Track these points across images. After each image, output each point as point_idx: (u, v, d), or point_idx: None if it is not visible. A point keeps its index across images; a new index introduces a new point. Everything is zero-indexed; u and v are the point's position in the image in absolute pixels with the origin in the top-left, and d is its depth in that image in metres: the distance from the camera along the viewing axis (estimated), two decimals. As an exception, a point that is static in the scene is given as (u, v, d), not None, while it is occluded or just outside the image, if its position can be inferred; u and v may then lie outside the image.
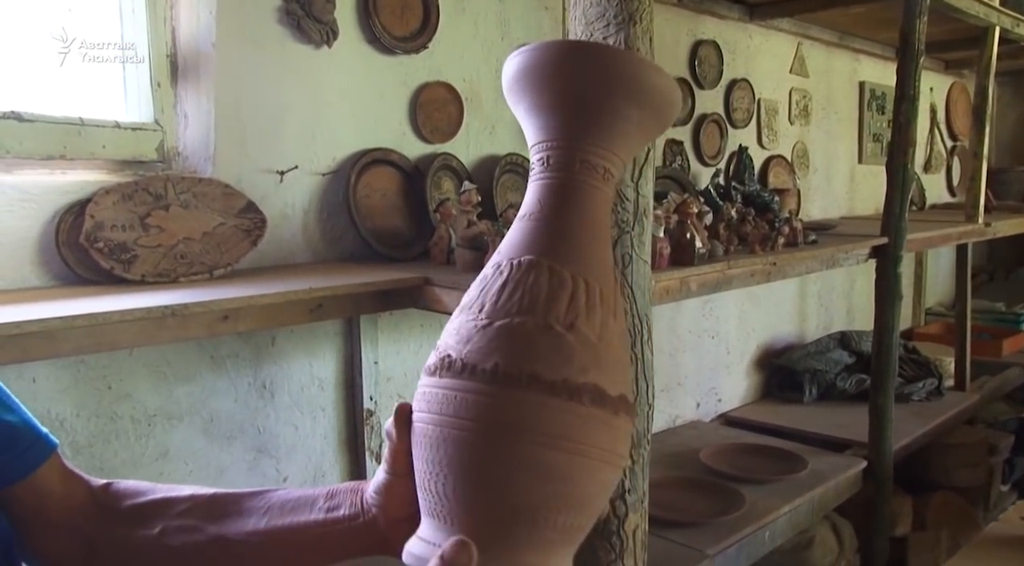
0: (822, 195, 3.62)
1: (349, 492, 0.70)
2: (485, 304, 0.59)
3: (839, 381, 3.14)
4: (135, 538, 0.73)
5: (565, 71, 0.60)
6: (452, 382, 0.57)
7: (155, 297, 1.34)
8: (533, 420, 0.55)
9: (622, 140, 0.61)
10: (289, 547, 0.70)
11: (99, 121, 1.55)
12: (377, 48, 1.92)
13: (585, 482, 0.56)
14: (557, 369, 0.56)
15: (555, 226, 0.60)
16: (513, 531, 0.55)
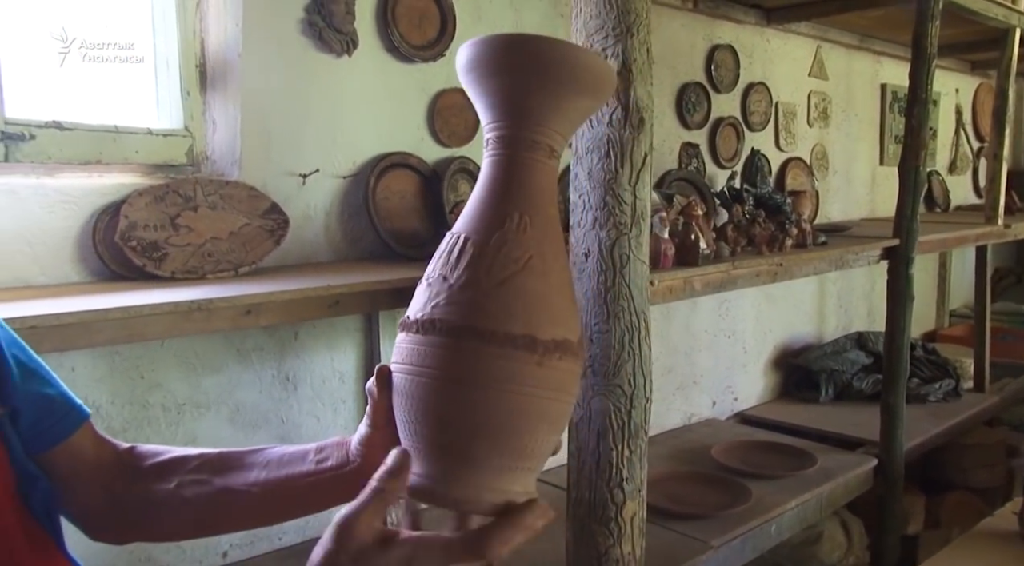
0: (842, 197, 3.65)
1: (335, 446, 0.81)
2: (437, 271, 0.69)
3: (855, 381, 3.18)
4: (155, 491, 0.86)
5: (506, 61, 0.70)
6: (414, 337, 0.68)
7: (183, 292, 1.43)
8: (480, 368, 0.65)
9: (561, 119, 0.71)
10: (285, 495, 0.82)
11: (133, 128, 1.65)
12: (396, 56, 2.01)
13: (530, 418, 0.66)
14: (499, 322, 0.65)
15: (505, 199, 0.69)
16: (474, 460, 0.66)
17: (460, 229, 0.71)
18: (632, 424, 1.47)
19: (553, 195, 0.72)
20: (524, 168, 0.70)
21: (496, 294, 0.67)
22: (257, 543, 1.87)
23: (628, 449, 1.48)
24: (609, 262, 1.43)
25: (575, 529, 1.53)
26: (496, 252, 0.68)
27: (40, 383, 0.83)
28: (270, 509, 0.85)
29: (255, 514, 0.87)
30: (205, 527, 0.92)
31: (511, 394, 0.66)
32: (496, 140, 0.71)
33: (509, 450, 0.66)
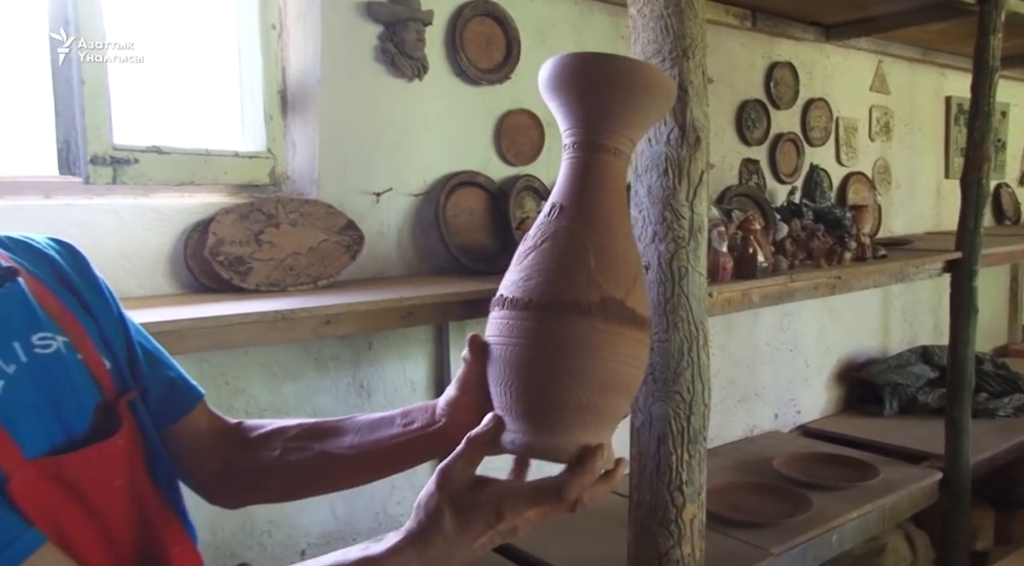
0: (906, 211, 3.63)
1: (420, 410, 0.94)
2: (527, 254, 0.82)
3: (920, 395, 3.16)
4: (262, 458, 0.99)
5: (581, 76, 0.82)
6: (508, 313, 0.81)
7: (267, 304, 1.54)
8: (569, 336, 0.77)
9: (629, 125, 0.83)
10: (377, 455, 0.94)
11: (221, 151, 1.78)
12: (464, 80, 2.11)
13: (610, 379, 0.78)
14: (585, 296, 0.78)
15: (585, 195, 0.81)
16: (560, 416, 0.78)
17: (541, 221, 0.83)
18: (691, 429, 1.53)
19: (623, 189, 0.84)
20: (597, 167, 0.81)
21: (578, 272, 0.78)
22: (333, 542, 1.97)
23: (688, 453, 1.53)
24: (668, 274, 1.49)
25: (636, 531, 1.59)
26: (577, 237, 0.79)
27: (163, 367, 0.96)
28: (364, 468, 0.97)
29: (351, 473, 0.99)
30: (307, 488, 1.05)
31: (595, 359, 0.77)
32: (573, 144, 0.83)
33: (590, 406, 0.78)
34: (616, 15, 2.41)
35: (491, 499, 0.76)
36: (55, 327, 0.81)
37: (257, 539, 1.84)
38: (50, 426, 0.77)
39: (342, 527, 1.98)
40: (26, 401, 0.75)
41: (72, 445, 0.78)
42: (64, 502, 0.75)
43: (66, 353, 0.81)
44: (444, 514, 0.77)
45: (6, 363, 0.75)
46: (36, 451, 0.74)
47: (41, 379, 0.77)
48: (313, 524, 1.93)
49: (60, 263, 0.89)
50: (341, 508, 1.97)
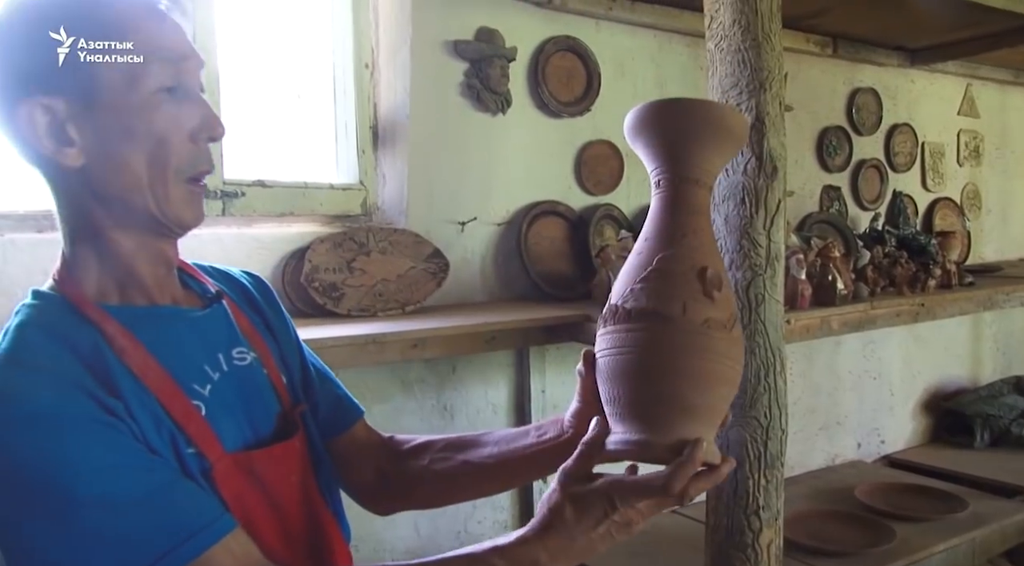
0: (997, 236, 3.55)
1: (551, 423, 1.04)
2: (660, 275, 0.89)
3: (1014, 427, 3.06)
4: (412, 467, 1.10)
5: (663, 120, 0.92)
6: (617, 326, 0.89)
7: (358, 327, 1.63)
8: (714, 345, 0.85)
9: (708, 161, 0.92)
10: (514, 462, 1.04)
11: (318, 184, 1.89)
12: (545, 113, 2.18)
13: (713, 379, 0.86)
14: (685, 306, 0.86)
15: (680, 222, 0.90)
16: (661, 415, 0.85)
17: (642, 247, 0.91)
18: (768, 454, 1.55)
19: (708, 212, 0.93)
20: (685, 197, 0.91)
21: (677, 285, 0.86)
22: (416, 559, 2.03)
23: (764, 478, 1.55)
24: (745, 301, 1.52)
25: (713, 555, 1.61)
26: (670, 255, 0.88)
27: (332, 385, 1.12)
28: (502, 475, 1.07)
29: (490, 480, 1.09)
30: (452, 494, 1.14)
31: (694, 358, 0.85)
32: (660, 181, 0.92)
33: (690, 405, 0.85)
34: (695, 46, 2.45)
35: (604, 489, 0.83)
36: (248, 344, 0.96)
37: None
38: (243, 426, 0.90)
39: (425, 544, 2.05)
40: (226, 404, 0.88)
41: (260, 443, 0.91)
42: (252, 492, 0.87)
43: (256, 366, 0.95)
44: (565, 506, 0.84)
45: (212, 370, 0.89)
46: (232, 446, 0.87)
47: (238, 386, 0.91)
48: (397, 540, 2.00)
49: (252, 290, 1.05)
50: (424, 526, 2.04)
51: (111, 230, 0.85)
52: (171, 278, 0.93)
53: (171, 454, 0.81)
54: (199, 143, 0.86)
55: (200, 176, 0.88)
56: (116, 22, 0.81)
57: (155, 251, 0.89)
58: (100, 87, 0.80)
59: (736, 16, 1.48)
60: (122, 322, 0.84)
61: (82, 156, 0.81)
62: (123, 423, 0.78)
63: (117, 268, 0.87)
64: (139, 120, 0.82)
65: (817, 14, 2.46)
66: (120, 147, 0.82)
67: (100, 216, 0.85)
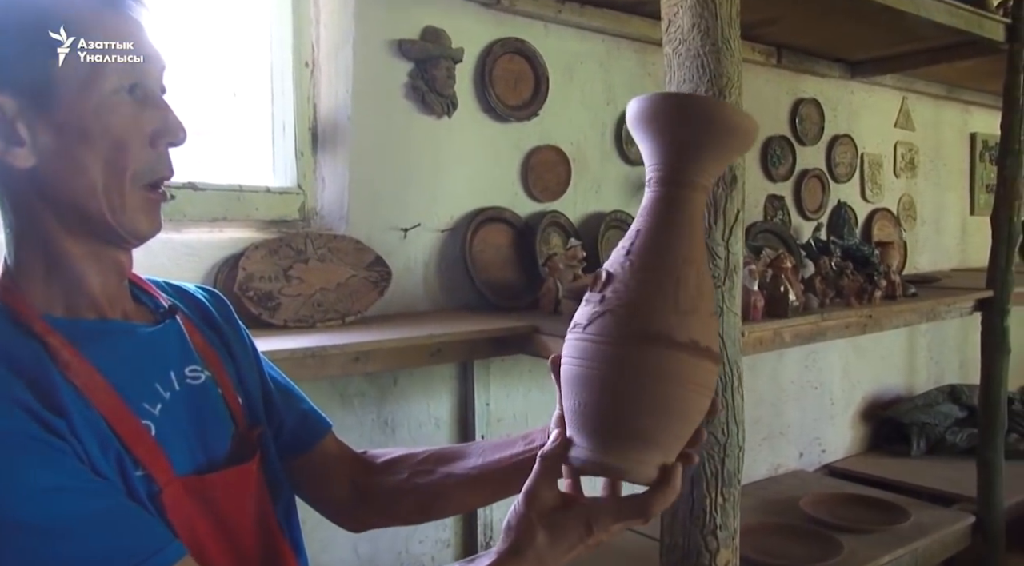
0: (931, 247, 3.61)
1: (539, 431, 0.99)
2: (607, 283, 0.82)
3: (949, 435, 3.10)
4: (391, 482, 1.05)
5: (668, 115, 0.84)
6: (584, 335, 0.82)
7: (296, 340, 1.53)
8: (689, 371, 0.79)
9: (710, 162, 0.84)
10: (501, 473, 0.99)
11: (254, 187, 1.78)
12: (492, 117, 2.11)
13: (681, 406, 0.80)
14: (665, 327, 0.79)
15: (673, 228, 0.83)
16: (630, 438, 0.80)
17: (628, 251, 0.84)
18: (726, 472, 1.50)
19: (701, 223, 0.86)
20: (680, 203, 0.83)
21: (659, 302, 0.80)
22: (355, 582, 1.94)
23: (722, 497, 1.50)
24: (702, 314, 1.47)
25: (668, 576, 1.56)
26: (657, 269, 0.81)
27: (296, 400, 1.06)
28: (488, 487, 1.02)
29: (476, 493, 1.03)
30: (434, 510, 1.08)
31: (668, 386, 0.79)
32: (658, 179, 0.84)
33: (658, 430, 0.80)
34: (643, 52, 2.41)
35: (581, 516, 0.80)
36: (202, 362, 0.91)
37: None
38: (195, 448, 0.85)
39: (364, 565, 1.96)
40: (178, 424, 0.83)
41: (213, 467, 0.86)
42: (203, 519, 0.82)
43: (210, 386, 0.90)
44: (537, 531, 0.80)
45: (164, 389, 0.84)
46: (183, 469, 0.82)
47: (191, 406, 0.86)
48: (336, 562, 1.90)
49: (208, 307, 0.99)
50: (364, 547, 1.95)
51: (60, 237, 0.80)
52: (122, 291, 0.87)
53: (117, 477, 0.76)
54: (159, 148, 0.82)
55: (159, 182, 0.83)
56: (76, 18, 0.76)
57: (107, 261, 0.83)
58: (54, 84, 0.75)
59: (695, 20, 1.44)
60: (68, 336, 0.78)
61: (32, 157, 0.76)
62: (66, 443, 0.73)
63: (65, 278, 0.81)
64: (96, 121, 0.77)
65: (766, 23, 2.45)
66: (74, 149, 0.77)
67: (49, 222, 0.80)
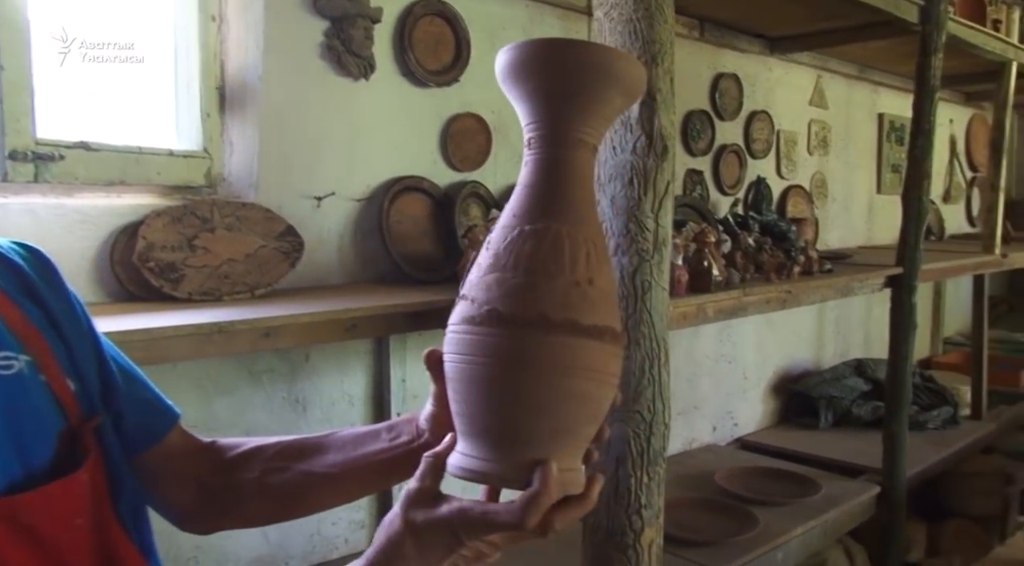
0: (840, 224, 3.68)
1: (405, 423, 0.90)
2: (519, 265, 0.72)
3: (855, 408, 3.19)
4: (240, 480, 0.92)
5: (546, 64, 0.74)
6: (497, 330, 0.71)
7: (202, 314, 1.42)
8: (573, 357, 0.70)
9: (598, 116, 0.75)
10: (364, 470, 0.89)
11: (155, 149, 1.65)
12: (411, 81, 2.02)
13: (573, 398, 0.71)
14: (588, 316, 0.70)
15: (558, 194, 0.73)
16: (520, 440, 0.71)
17: (509, 223, 0.74)
18: (651, 450, 1.48)
19: (591, 186, 0.76)
20: (566, 165, 0.74)
21: (544, 282, 0.70)
22: (265, 568, 1.85)
23: (647, 476, 1.48)
24: (631, 289, 1.44)
25: (592, 556, 1.53)
26: (547, 245, 0.71)
27: (139, 386, 0.90)
28: (350, 486, 0.92)
29: (336, 492, 0.93)
30: (290, 510, 0.97)
31: (559, 377, 0.70)
32: (538, 139, 0.75)
33: (551, 430, 0.71)
34: (567, 19, 2.35)
35: (447, 522, 0.72)
36: (17, 345, 0.73)
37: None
38: (8, 459, 0.68)
39: (274, 551, 1.87)
40: None
41: (31, 481, 0.69)
42: (16, 548, 0.67)
43: (28, 374, 0.72)
44: (405, 538, 0.73)
45: None
46: None
47: (2, 404, 0.69)
48: (243, 549, 1.81)
49: (26, 271, 0.80)
50: (274, 532, 1.86)
51: None
52: None
53: None
54: None
55: None
56: None
57: None
58: None
59: (628, -17, 1.38)
60: None
61: None
62: None
63: None
64: None
65: (690, -7, 2.43)
66: None
67: None
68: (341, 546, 1.98)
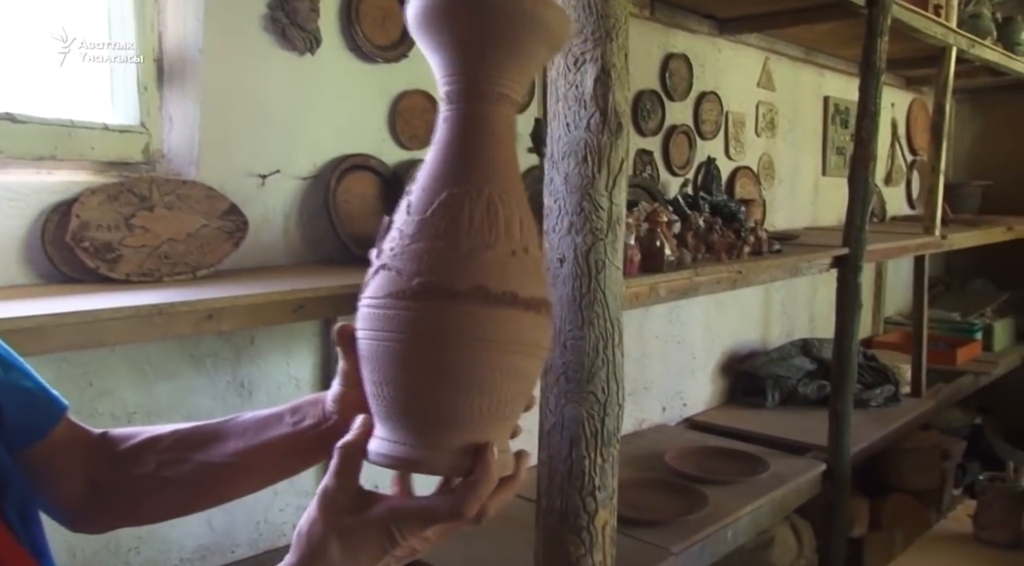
0: (787, 206, 3.72)
1: (310, 404, 0.82)
2: (451, 232, 0.66)
3: (801, 387, 3.23)
4: (134, 475, 0.85)
5: (462, 10, 0.68)
6: (431, 305, 0.65)
7: (141, 296, 1.37)
8: (514, 332, 0.66)
9: (519, 68, 0.69)
10: (268, 458, 0.82)
11: (88, 123, 1.58)
12: (358, 56, 1.96)
13: (496, 372, 0.66)
14: (526, 287, 0.66)
15: (483, 153, 0.68)
16: (442, 421, 0.66)
17: (431, 186, 0.69)
18: (605, 431, 1.47)
19: (514, 146, 0.71)
20: (488, 121, 0.69)
21: (461, 250, 0.66)
22: (209, 557, 1.80)
23: (601, 457, 1.47)
24: (584, 268, 1.42)
25: (545, 538, 1.52)
26: (480, 210, 0.67)
27: (19, 375, 0.81)
28: (253, 475, 0.85)
29: (239, 483, 0.86)
30: (190, 505, 0.90)
31: (477, 350, 0.65)
32: (454, 93, 0.69)
33: (475, 409, 0.66)
34: (517, -4, 2.32)
35: (382, 520, 0.66)
36: None
37: (124, 558, 1.66)
38: None
39: (220, 539, 1.82)
40: None
41: None
42: None
43: None
44: (330, 542, 0.67)
45: None
46: None
47: None
48: (187, 538, 1.76)
49: None
50: (219, 519, 1.81)
51: None
52: None
53: None
54: None
55: None
56: None
57: None
58: None
59: (582, -45, 1.36)
60: None
61: None
62: None
63: None
64: None
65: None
66: None
67: None
68: (289, 533, 1.93)
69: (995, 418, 4.41)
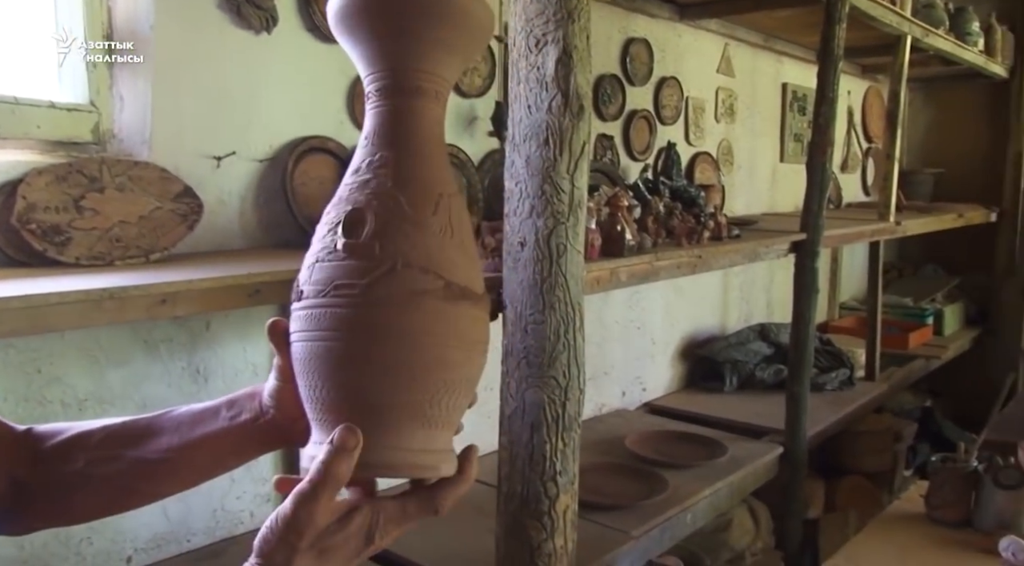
0: (745, 191, 3.75)
1: (247, 398, 0.81)
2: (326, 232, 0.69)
3: (758, 371, 3.26)
4: (62, 473, 0.81)
5: (385, 5, 0.67)
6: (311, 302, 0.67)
7: (92, 280, 1.33)
8: (379, 321, 0.64)
9: (445, 64, 0.69)
10: (203, 455, 0.80)
11: (34, 100, 1.52)
12: (317, 36, 1.93)
13: (438, 367, 0.66)
14: (457, 275, 0.66)
15: (411, 152, 0.68)
16: (388, 421, 0.65)
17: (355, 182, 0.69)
18: (567, 416, 1.46)
19: (442, 142, 0.71)
20: (411, 113, 0.68)
21: (394, 244, 0.65)
22: (164, 546, 1.77)
23: (562, 442, 1.47)
24: (545, 251, 1.41)
25: (506, 524, 1.51)
26: (390, 202, 0.66)
27: None
28: (189, 472, 0.83)
29: (174, 480, 0.84)
30: (122, 503, 0.87)
31: (423, 349, 0.64)
32: (379, 91, 0.69)
33: (420, 405, 0.65)
34: (478, -22, 2.29)
35: (359, 528, 0.66)
36: None
37: (74, 549, 1.62)
38: None
39: (175, 528, 1.79)
40: None
41: None
42: None
43: None
44: (304, 557, 0.64)
45: None
46: None
47: None
48: (141, 527, 1.72)
49: None
50: (174, 507, 1.78)
51: None
52: None
53: None
54: None
55: None
56: None
57: None
58: None
59: (545, -65, 1.34)
60: None
61: None
62: None
63: None
64: None
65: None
66: None
67: None
68: (246, 520, 1.90)
69: (944, 401, 4.52)
